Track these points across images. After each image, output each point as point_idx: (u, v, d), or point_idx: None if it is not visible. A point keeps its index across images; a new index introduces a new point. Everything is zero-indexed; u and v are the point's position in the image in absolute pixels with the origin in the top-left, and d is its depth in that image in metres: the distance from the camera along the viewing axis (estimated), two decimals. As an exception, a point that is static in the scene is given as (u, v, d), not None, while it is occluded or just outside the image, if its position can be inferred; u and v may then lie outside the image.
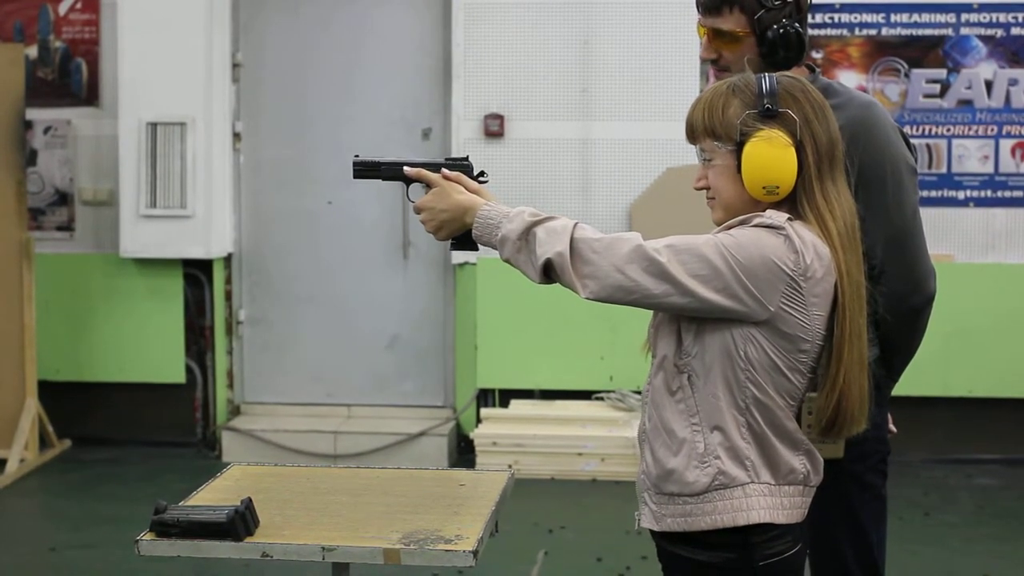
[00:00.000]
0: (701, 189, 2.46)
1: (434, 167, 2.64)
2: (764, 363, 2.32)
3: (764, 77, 2.38)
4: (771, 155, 2.33)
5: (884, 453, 3.10)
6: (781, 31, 2.94)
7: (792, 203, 2.38)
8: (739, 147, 2.36)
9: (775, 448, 2.35)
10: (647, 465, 2.44)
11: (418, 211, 2.62)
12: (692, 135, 2.44)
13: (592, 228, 2.37)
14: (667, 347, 2.40)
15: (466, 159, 2.66)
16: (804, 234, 2.32)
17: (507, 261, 2.44)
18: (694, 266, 2.28)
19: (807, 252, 2.30)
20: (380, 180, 2.75)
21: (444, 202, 2.57)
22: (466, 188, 2.58)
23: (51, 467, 6.77)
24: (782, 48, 2.95)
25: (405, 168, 2.66)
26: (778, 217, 2.33)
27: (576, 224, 2.36)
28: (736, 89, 2.40)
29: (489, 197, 2.56)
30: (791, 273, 2.29)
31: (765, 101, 2.35)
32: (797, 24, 2.95)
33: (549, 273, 2.37)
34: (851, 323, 2.36)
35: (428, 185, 2.63)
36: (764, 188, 2.35)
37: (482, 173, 2.64)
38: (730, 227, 2.35)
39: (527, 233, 2.38)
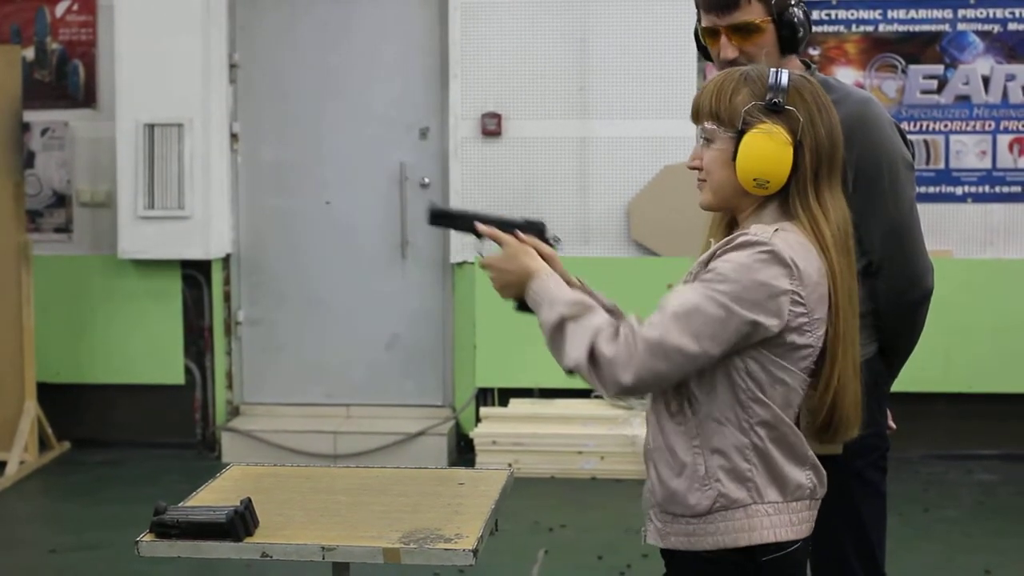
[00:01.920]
0: (694, 168, 2.46)
1: (508, 226, 2.59)
2: (767, 378, 2.33)
3: (778, 72, 2.39)
4: (768, 149, 2.34)
5: (884, 449, 3.10)
6: (797, 11, 2.95)
7: (784, 202, 2.39)
8: (739, 135, 2.36)
9: (781, 466, 2.36)
10: (652, 483, 2.45)
11: (485, 267, 2.58)
12: (697, 115, 2.45)
13: (610, 328, 2.32)
14: None
15: (541, 222, 2.61)
16: (791, 240, 2.32)
17: None
18: (702, 328, 2.27)
19: (798, 260, 2.30)
20: (453, 230, 2.70)
21: (513, 263, 2.53)
22: (540, 253, 2.54)
23: (51, 469, 6.77)
24: (801, 28, 2.97)
25: (477, 225, 2.61)
26: (763, 232, 2.32)
27: (599, 331, 2.32)
28: (748, 78, 2.40)
29: (559, 265, 2.55)
30: (790, 287, 2.29)
31: (773, 95, 2.36)
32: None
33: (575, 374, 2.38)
34: (844, 325, 2.38)
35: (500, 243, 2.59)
36: (755, 180, 2.35)
37: (556, 238, 2.60)
38: (714, 254, 2.34)
39: (558, 329, 2.38)
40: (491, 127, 6.84)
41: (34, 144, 7.12)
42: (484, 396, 6.97)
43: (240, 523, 2.68)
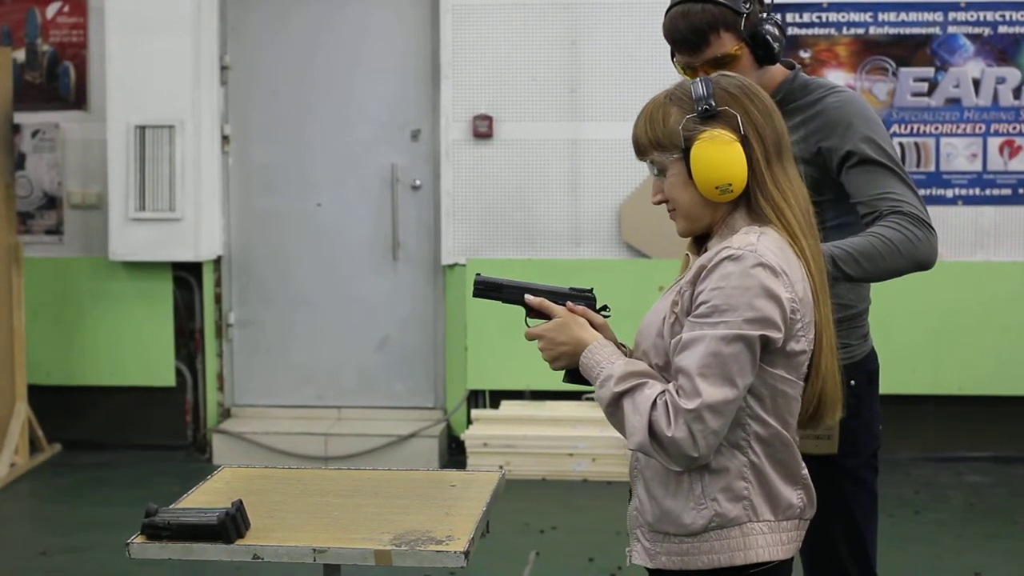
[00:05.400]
0: (659, 203, 2.44)
1: (558, 296, 2.55)
2: (767, 393, 2.32)
3: (699, 80, 2.38)
4: (718, 152, 2.32)
5: (875, 448, 3.13)
6: (767, 26, 2.96)
7: (747, 199, 2.37)
8: (686, 153, 2.35)
9: (775, 485, 2.35)
10: (640, 502, 2.43)
11: (533, 338, 2.54)
12: (640, 151, 2.43)
13: (662, 403, 2.28)
14: None
15: (590, 291, 2.57)
16: (772, 247, 2.31)
17: None
18: (731, 370, 2.25)
19: (784, 265, 2.30)
20: (500, 301, 2.61)
21: (565, 334, 2.48)
22: (591, 323, 2.50)
23: (41, 471, 6.75)
24: (775, 42, 2.97)
25: (526, 297, 2.56)
26: (746, 242, 2.30)
27: (654, 409, 2.28)
28: (673, 98, 2.39)
29: (610, 333, 2.51)
30: (784, 294, 2.29)
31: (702, 103, 2.35)
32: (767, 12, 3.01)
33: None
34: (823, 307, 2.38)
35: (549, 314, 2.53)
36: (717, 188, 2.33)
37: (605, 307, 2.56)
38: (698, 276, 2.31)
39: (614, 405, 2.35)
40: (482, 129, 6.85)
41: (25, 146, 7.11)
42: (475, 398, 6.97)
43: (231, 525, 2.68)
